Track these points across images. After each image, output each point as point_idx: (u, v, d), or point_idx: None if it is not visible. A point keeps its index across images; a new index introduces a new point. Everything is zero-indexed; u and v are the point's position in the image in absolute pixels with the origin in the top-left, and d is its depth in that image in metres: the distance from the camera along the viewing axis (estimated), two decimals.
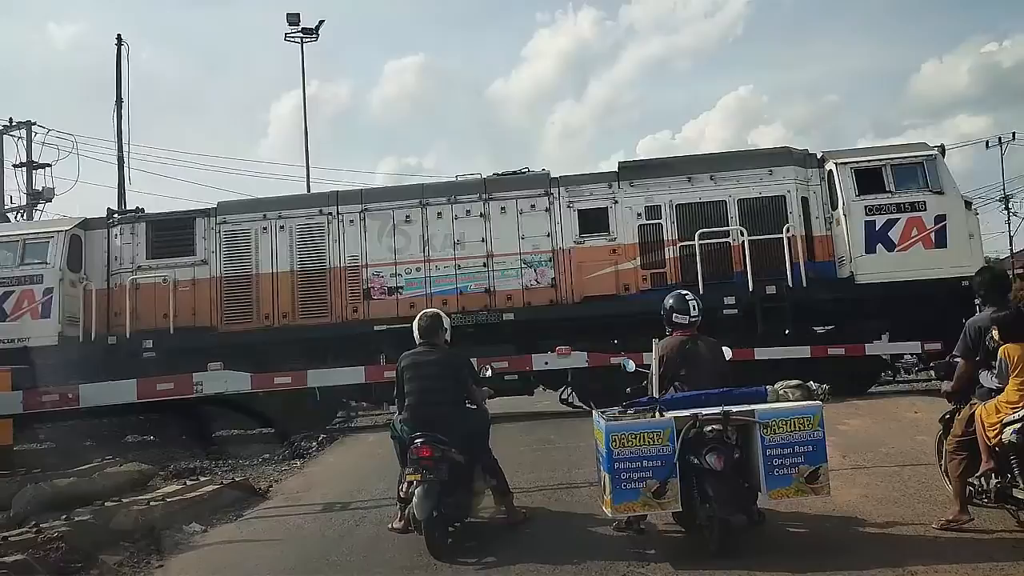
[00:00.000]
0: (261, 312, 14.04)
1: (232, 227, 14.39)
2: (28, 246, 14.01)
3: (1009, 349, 5.23)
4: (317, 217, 14.30)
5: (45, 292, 13.70)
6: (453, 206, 14.15)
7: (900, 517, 5.83)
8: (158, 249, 14.38)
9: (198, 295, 14.05)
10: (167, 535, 6.60)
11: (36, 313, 13.72)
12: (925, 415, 9.10)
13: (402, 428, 6.14)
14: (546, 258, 13.90)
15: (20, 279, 13.84)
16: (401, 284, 13.95)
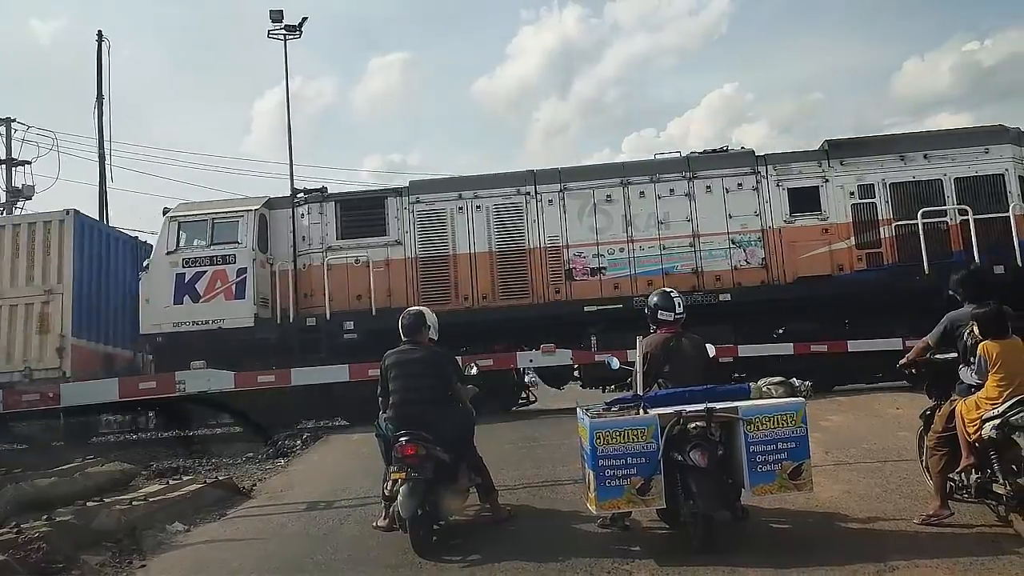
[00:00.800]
0: (460, 293, 13.87)
1: (426, 207, 14.21)
2: (217, 225, 13.80)
3: (988, 346, 5.28)
4: (514, 197, 14.15)
5: (239, 272, 13.54)
6: (656, 185, 13.99)
7: (882, 513, 5.88)
8: (348, 229, 14.22)
9: (393, 276, 13.88)
10: (149, 535, 6.56)
11: (230, 294, 13.55)
12: (907, 411, 9.17)
13: (387, 426, 6.12)
14: (755, 237, 13.77)
15: (212, 259, 13.64)
16: (604, 265, 13.80)
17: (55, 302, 13.71)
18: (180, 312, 13.36)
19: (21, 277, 13.93)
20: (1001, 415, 5.00)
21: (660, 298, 6.21)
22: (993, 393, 5.15)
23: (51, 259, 13.91)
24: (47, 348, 13.58)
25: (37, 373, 13.44)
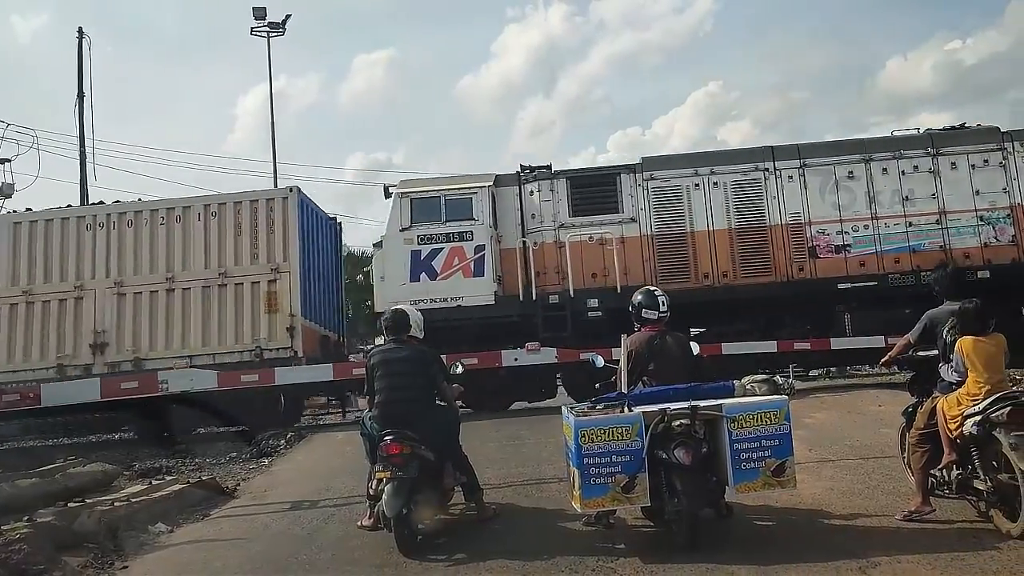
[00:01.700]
0: (699, 271, 13.73)
1: (661, 183, 14.06)
2: (449, 203, 13.65)
3: (965, 343, 5.32)
4: (752, 173, 14.03)
5: (476, 249, 13.46)
6: (899, 161, 13.88)
7: (864, 509, 5.93)
8: (580, 206, 14.05)
9: (629, 253, 13.71)
10: (131, 536, 6.52)
11: (468, 271, 13.46)
12: (889, 408, 9.25)
13: (372, 425, 6.10)
14: (1004, 215, 13.67)
15: (449, 236, 13.53)
16: (848, 242, 13.69)
17: (282, 281, 13.76)
18: (417, 290, 13.21)
19: (246, 255, 13.92)
20: (982, 412, 5.04)
21: (644, 297, 6.21)
22: (974, 390, 5.19)
23: (275, 237, 13.95)
24: (277, 327, 13.64)
25: (268, 352, 13.55)
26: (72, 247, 13.93)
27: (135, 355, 13.54)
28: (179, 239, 13.95)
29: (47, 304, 13.75)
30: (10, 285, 13.83)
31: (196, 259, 13.86)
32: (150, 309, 13.70)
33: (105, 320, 13.65)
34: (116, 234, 13.99)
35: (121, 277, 13.80)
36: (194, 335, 13.60)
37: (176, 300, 13.71)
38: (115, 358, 13.51)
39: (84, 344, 13.59)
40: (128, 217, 14.12)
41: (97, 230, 13.98)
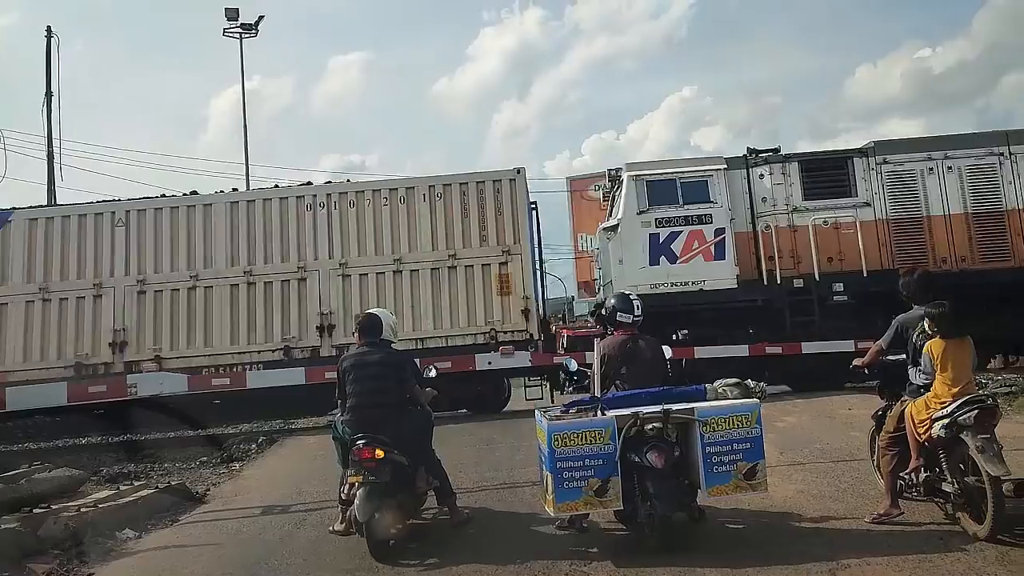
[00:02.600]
0: (936, 256, 13.54)
1: (895, 168, 13.88)
2: (684, 185, 13.45)
3: (933, 345, 5.39)
4: (987, 158, 13.86)
5: (716, 233, 13.28)
6: None
7: (834, 512, 5.98)
8: (813, 190, 13.89)
9: (865, 238, 13.46)
10: (98, 542, 6.41)
11: (709, 255, 13.26)
12: (859, 412, 9.34)
13: (344, 429, 6.06)
14: None
15: (688, 219, 13.33)
16: None
17: (514, 263, 13.67)
18: (657, 273, 13.13)
19: (474, 237, 13.81)
20: (949, 415, 5.10)
21: (619, 300, 6.25)
22: (942, 393, 5.25)
23: (504, 218, 13.84)
24: (511, 310, 13.55)
25: (502, 335, 13.47)
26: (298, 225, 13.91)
27: None
28: (404, 220, 13.90)
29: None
30: None
31: (423, 241, 13.82)
32: (376, 291, 13.65)
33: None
34: (339, 214, 13.94)
35: (345, 258, 13.75)
36: (425, 319, 13.54)
37: (404, 282, 13.66)
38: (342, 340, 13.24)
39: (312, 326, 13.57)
40: (350, 198, 14.04)
41: (318, 209, 13.93)
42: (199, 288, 13.64)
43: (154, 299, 13.63)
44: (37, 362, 13.30)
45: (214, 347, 13.48)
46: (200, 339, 13.52)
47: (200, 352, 13.46)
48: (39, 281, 13.57)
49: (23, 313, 13.48)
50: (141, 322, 13.54)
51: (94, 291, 13.59)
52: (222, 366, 13.39)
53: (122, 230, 13.78)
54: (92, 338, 13.39)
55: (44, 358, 13.32)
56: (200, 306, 13.60)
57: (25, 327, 13.44)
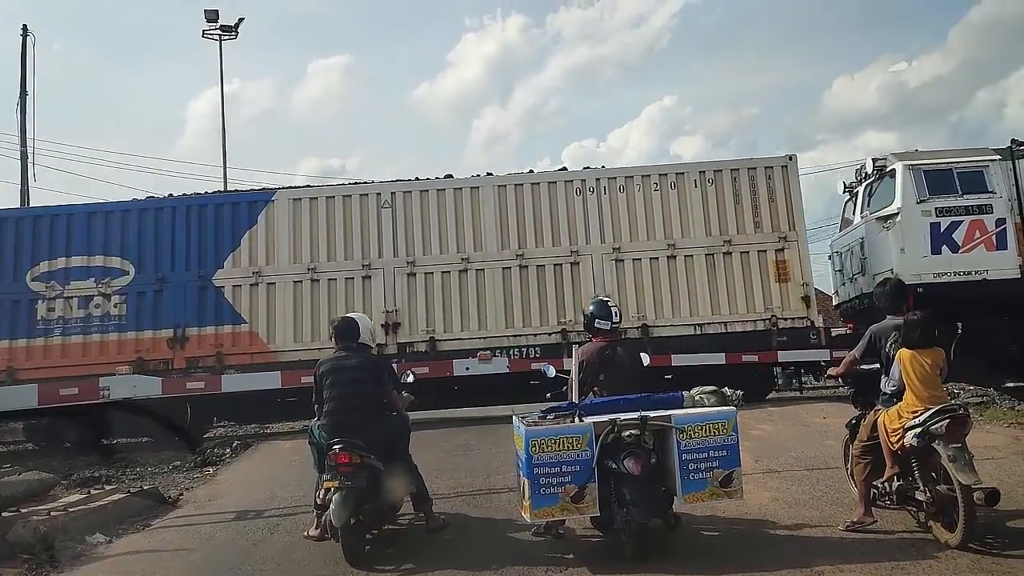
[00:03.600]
0: None
1: None
2: (961, 175, 13.21)
3: (904, 355, 5.45)
4: None
5: (997, 223, 13.00)
6: None
7: (809, 519, 6.02)
8: None
9: None
10: (68, 546, 6.31)
11: (991, 245, 13.00)
12: (833, 421, 9.42)
13: (320, 434, 6.03)
14: None
15: (968, 208, 13.08)
16: None
17: (790, 250, 13.64)
18: (940, 262, 12.92)
19: (748, 223, 13.78)
20: (922, 424, 5.16)
21: (597, 307, 6.26)
22: (914, 403, 5.31)
23: (777, 205, 13.83)
24: (790, 297, 13.53)
25: (783, 322, 13.44)
26: None
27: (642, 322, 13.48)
28: (676, 206, 13.87)
29: None
30: None
31: (696, 226, 13.79)
32: (651, 276, 13.67)
33: None
34: (609, 199, 13.93)
35: (618, 243, 13.73)
36: (702, 305, 13.53)
37: (679, 268, 13.64)
38: None
39: None
40: (619, 183, 14.01)
41: (588, 194, 13.93)
42: (470, 271, 13.67)
43: (425, 281, 13.67)
44: (308, 342, 13.23)
45: (488, 330, 13.52)
46: (474, 322, 13.56)
47: (474, 335, 13.50)
48: (306, 261, 13.61)
49: (291, 293, 13.53)
50: (412, 304, 13.55)
51: (363, 272, 13.63)
52: (498, 348, 13.41)
53: (388, 212, 13.85)
54: None
55: (315, 338, 13.22)
56: (472, 289, 13.65)
57: (294, 307, 13.47)
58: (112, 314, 13.35)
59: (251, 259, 13.61)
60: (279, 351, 13.29)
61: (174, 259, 13.56)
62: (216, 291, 13.50)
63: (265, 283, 13.52)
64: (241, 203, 14.06)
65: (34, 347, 13.20)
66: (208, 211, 13.87)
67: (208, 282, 13.49)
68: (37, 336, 13.23)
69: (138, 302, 13.41)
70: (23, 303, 13.28)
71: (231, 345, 13.34)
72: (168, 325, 13.25)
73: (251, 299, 13.50)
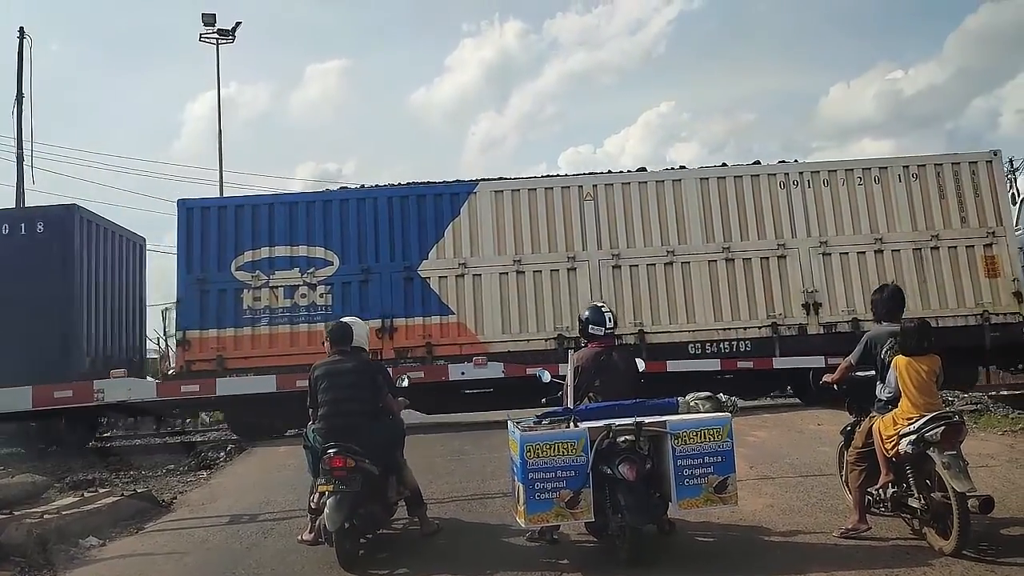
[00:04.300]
0: None
1: None
2: None
3: (900, 362, 5.45)
4: None
5: None
6: None
7: (803, 526, 6.02)
8: None
9: None
10: (61, 549, 6.29)
11: None
12: (828, 427, 9.43)
13: (315, 438, 6.02)
14: None
15: None
16: None
17: (999, 245, 13.68)
18: None
19: (954, 218, 13.79)
20: (916, 431, 5.17)
21: (592, 313, 6.26)
22: (909, 410, 5.31)
23: (982, 200, 13.84)
24: (1000, 292, 13.56)
25: (995, 318, 13.43)
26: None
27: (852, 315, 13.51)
28: (880, 200, 13.90)
29: None
30: None
31: (903, 220, 13.84)
32: (859, 269, 13.69)
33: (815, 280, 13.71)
34: (812, 193, 13.98)
35: (825, 236, 13.77)
36: (911, 298, 13.27)
37: (887, 262, 13.69)
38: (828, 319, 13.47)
39: None
40: (823, 176, 14.01)
41: (792, 187, 13.99)
42: (676, 263, 13.71)
43: (630, 274, 13.71)
44: (516, 334, 13.43)
45: (697, 323, 13.57)
46: (681, 315, 13.60)
47: (683, 327, 13.56)
48: (511, 253, 13.70)
49: (497, 284, 13.64)
50: (619, 297, 13.56)
51: (568, 264, 13.70)
52: (708, 342, 13.48)
53: (591, 204, 13.88)
54: (571, 311, 13.33)
55: (524, 330, 13.45)
56: (679, 282, 13.70)
57: (501, 298, 13.58)
58: (318, 304, 13.53)
59: (455, 250, 13.75)
60: (488, 342, 13.43)
61: (378, 249, 13.70)
62: (422, 282, 13.65)
63: (471, 274, 13.66)
64: (444, 194, 14.10)
65: (242, 336, 13.39)
66: (410, 202, 13.99)
67: (414, 273, 13.64)
68: (244, 325, 13.42)
69: (344, 292, 13.57)
70: (229, 292, 13.47)
71: (440, 336, 13.47)
72: (376, 315, 13.27)
73: (457, 290, 13.64)
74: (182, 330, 13.44)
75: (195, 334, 13.30)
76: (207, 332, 13.31)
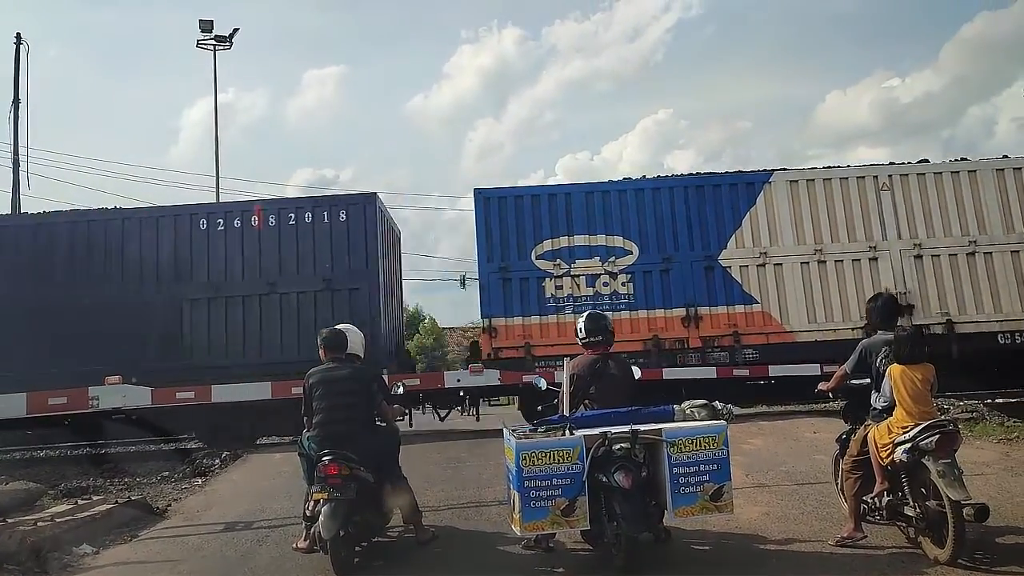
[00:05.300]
0: None
1: None
2: None
3: (894, 370, 5.46)
4: None
5: None
6: None
7: (798, 534, 6.02)
8: None
9: None
10: (55, 557, 6.26)
11: None
12: (823, 435, 9.44)
13: (310, 445, 6.01)
14: None
15: None
16: None
17: None
18: None
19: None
20: (911, 439, 5.17)
21: (588, 320, 6.27)
22: (904, 418, 5.32)
23: None
24: None
25: None
26: None
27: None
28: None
29: None
30: None
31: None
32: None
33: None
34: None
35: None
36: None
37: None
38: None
39: None
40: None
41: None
42: (978, 254, 13.89)
43: (932, 264, 13.87)
44: (822, 323, 13.63)
45: (1004, 313, 13.65)
46: (988, 305, 13.70)
47: (991, 317, 13.67)
48: (811, 242, 13.91)
49: (799, 274, 13.83)
50: (923, 286, 13.73)
51: (869, 254, 13.92)
52: (1018, 332, 13.59)
53: (888, 194, 14.06)
54: None
55: (829, 319, 13.65)
56: (983, 273, 13.84)
57: (804, 288, 13.77)
58: (620, 293, 13.76)
59: (754, 239, 13.95)
60: (795, 331, 13.60)
61: (677, 239, 13.91)
62: (723, 271, 13.84)
63: (772, 263, 13.89)
64: (739, 184, 14.34)
65: (547, 324, 13.65)
66: (706, 191, 14.23)
67: (714, 262, 13.86)
68: (548, 313, 13.69)
69: (645, 281, 13.79)
70: (531, 281, 13.76)
71: (745, 325, 13.70)
72: (679, 304, 13.51)
73: (759, 279, 13.83)
74: (488, 317, 13.72)
75: (500, 322, 13.68)
76: (512, 320, 13.64)
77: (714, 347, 13.45)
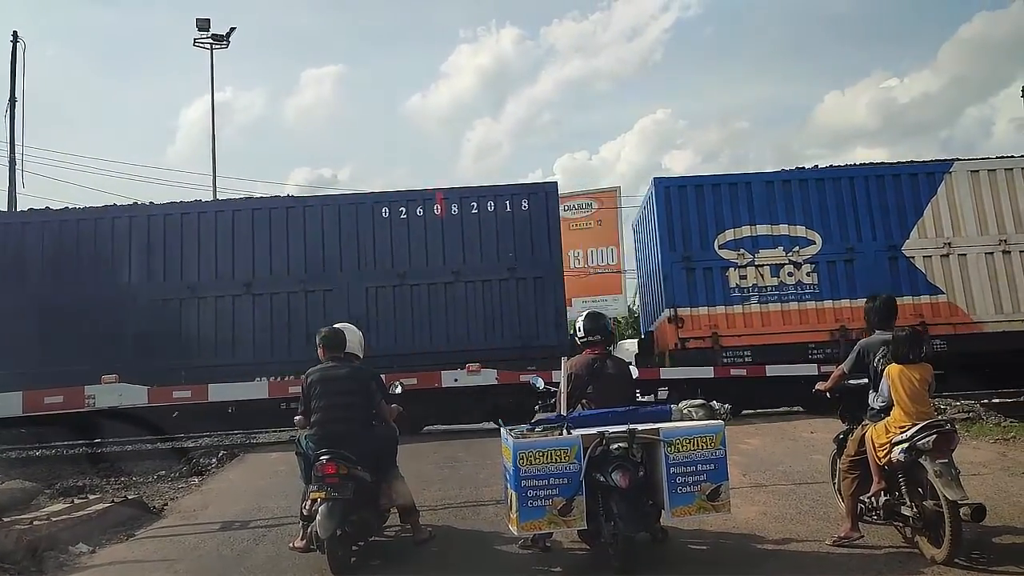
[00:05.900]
0: None
1: None
2: None
3: (892, 370, 5.47)
4: None
5: None
6: None
7: (795, 534, 6.02)
8: None
9: None
10: (51, 556, 6.24)
11: None
12: (820, 435, 9.44)
13: (307, 444, 6.00)
14: None
15: None
16: None
17: None
18: None
19: None
20: (908, 439, 5.18)
21: (587, 319, 6.26)
22: (901, 418, 5.33)
23: None
24: None
25: None
26: None
27: None
28: None
29: None
30: None
31: None
32: None
33: None
34: None
35: None
36: None
37: None
38: None
39: None
40: None
41: None
42: None
43: None
44: (1010, 314, 13.63)
45: None
46: None
47: None
48: (994, 233, 13.88)
49: (984, 264, 13.83)
50: None
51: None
52: None
53: None
54: None
55: (1016, 310, 13.65)
56: None
57: (989, 278, 13.78)
58: (805, 283, 13.77)
59: (937, 229, 13.92)
60: (981, 322, 13.64)
61: (859, 228, 13.86)
62: (907, 261, 13.81)
63: (956, 254, 13.86)
64: (919, 174, 14.27)
65: (732, 314, 13.67)
66: (887, 181, 14.15)
67: (898, 252, 13.82)
68: (734, 304, 13.70)
69: (829, 271, 13.76)
70: (715, 271, 13.74)
71: (931, 315, 13.66)
72: (863, 294, 13.30)
73: (943, 269, 13.79)
74: (673, 307, 13.72)
75: (686, 311, 13.68)
76: (698, 310, 13.65)
77: None
